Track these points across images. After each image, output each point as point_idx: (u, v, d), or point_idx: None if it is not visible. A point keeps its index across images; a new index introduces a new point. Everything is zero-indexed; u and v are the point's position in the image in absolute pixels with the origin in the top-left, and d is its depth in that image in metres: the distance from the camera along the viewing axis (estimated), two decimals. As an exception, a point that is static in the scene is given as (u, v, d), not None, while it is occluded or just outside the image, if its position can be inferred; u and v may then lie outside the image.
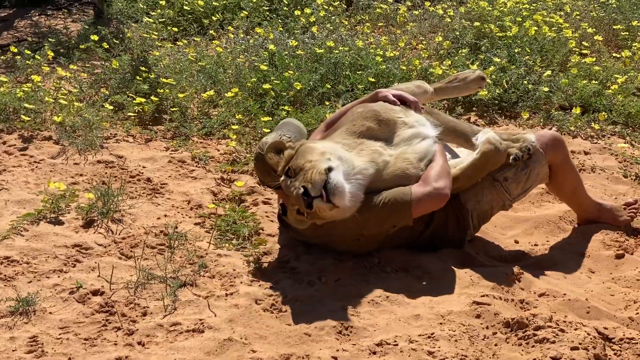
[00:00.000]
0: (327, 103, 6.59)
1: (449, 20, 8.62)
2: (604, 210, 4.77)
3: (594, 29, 8.28)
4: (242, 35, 8.33)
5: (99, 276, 3.91)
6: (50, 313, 3.61)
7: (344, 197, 3.88)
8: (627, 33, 8.29)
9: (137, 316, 3.65)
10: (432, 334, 3.53)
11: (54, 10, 10.37)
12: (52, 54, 7.26)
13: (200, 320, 3.61)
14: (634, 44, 7.91)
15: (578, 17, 8.74)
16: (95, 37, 7.43)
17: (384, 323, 3.65)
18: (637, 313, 3.81)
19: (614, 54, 7.74)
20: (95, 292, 3.78)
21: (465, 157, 4.50)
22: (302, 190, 3.80)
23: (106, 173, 5.17)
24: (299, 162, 3.93)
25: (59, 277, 3.89)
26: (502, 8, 8.65)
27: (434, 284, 4.02)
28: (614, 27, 8.41)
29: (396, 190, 4.09)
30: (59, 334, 3.47)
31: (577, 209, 4.83)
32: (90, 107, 6.14)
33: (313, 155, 3.96)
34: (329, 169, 3.88)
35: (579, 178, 4.71)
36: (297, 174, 3.90)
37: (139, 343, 3.46)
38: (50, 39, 7.92)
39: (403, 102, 4.58)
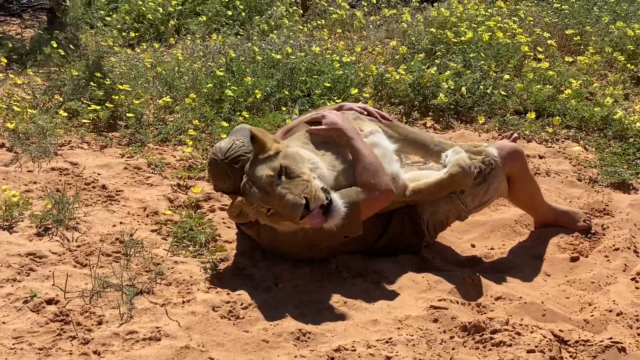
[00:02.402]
0: (283, 109, 6.59)
1: (404, 25, 8.66)
2: (561, 215, 4.81)
3: (548, 34, 8.38)
4: (198, 41, 8.31)
5: (53, 285, 3.85)
6: (3, 323, 3.55)
7: (337, 219, 3.89)
8: (579, 38, 8.40)
9: (92, 325, 3.60)
10: (390, 338, 3.53)
11: (7, 16, 10.25)
12: (6, 61, 7.17)
13: (157, 328, 3.57)
14: (587, 49, 8.02)
15: (532, 22, 8.83)
16: (54, 44, 7.35)
17: (342, 329, 3.65)
18: (592, 315, 3.85)
19: (567, 59, 7.83)
20: (49, 301, 3.71)
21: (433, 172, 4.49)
22: (304, 200, 3.77)
23: (60, 180, 5.11)
24: (293, 167, 3.90)
25: (12, 286, 3.83)
26: (459, 14, 8.73)
27: (392, 289, 4.03)
28: (567, 32, 8.51)
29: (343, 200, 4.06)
30: (13, 344, 3.41)
31: (534, 214, 4.87)
32: (44, 114, 6.07)
33: (305, 165, 3.95)
34: (325, 189, 3.89)
35: (536, 186, 4.74)
36: (290, 178, 3.87)
37: (95, 352, 3.41)
38: (4, 45, 7.82)
39: (369, 114, 4.59)
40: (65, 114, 6.13)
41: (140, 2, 9.38)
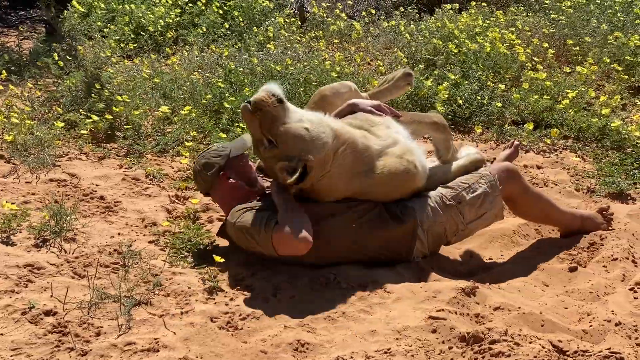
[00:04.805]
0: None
1: (408, 37, 8.67)
2: (586, 220, 4.81)
3: (546, 45, 8.39)
4: (197, 52, 8.32)
5: (51, 296, 3.85)
6: (1, 334, 3.54)
7: (277, 91, 4.07)
8: (578, 48, 8.41)
9: (90, 336, 3.59)
10: (388, 349, 3.53)
11: (4, 27, 10.28)
12: (6, 74, 7.17)
13: (155, 339, 3.56)
14: (585, 60, 8.02)
15: (529, 33, 8.85)
16: (56, 56, 7.35)
17: (341, 339, 3.64)
18: (591, 326, 3.84)
19: (565, 69, 7.85)
20: (47, 313, 3.70)
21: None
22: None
23: (59, 192, 5.11)
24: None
25: (10, 297, 3.82)
26: (460, 26, 8.75)
27: (390, 300, 4.02)
28: (568, 42, 8.50)
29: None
30: (11, 356, 3.40)
31: (558, 226, 4.88)
32: (42, 125, 6.08)
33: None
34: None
35: (546, 201, 4.74)
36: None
37: (93, 364, 3.41)
38: (1, 57, 7.83)
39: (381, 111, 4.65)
40: (64, 125, 6.13)
41: (140, 15, 9.40)
